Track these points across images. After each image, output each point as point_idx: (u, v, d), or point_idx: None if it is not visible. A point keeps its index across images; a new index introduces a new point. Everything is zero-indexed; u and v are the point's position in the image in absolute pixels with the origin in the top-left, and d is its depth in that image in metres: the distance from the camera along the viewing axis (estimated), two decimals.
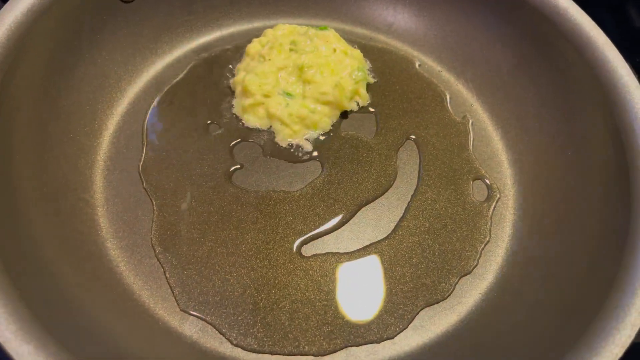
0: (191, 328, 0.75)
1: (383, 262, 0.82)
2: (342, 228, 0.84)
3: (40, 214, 0.74)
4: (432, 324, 0.77)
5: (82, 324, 0.67)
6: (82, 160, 0.86)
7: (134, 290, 0.77)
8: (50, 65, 0.84)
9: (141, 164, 0.88)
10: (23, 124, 0.78)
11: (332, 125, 0.95)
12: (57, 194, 0.79)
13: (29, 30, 0.79)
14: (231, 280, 0.78)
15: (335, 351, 0.74)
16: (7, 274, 0.60)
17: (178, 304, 0.76)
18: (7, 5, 0.79)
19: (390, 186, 0.89)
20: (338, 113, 0.96)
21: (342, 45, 1.00)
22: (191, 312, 0.76)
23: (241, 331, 0.75)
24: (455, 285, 0.81)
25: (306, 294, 0.78)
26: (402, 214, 0.86)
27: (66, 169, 0.83)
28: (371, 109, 0.98)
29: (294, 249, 0.81)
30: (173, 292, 0.77)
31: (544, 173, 0.89)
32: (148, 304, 0.76)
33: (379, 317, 0.77)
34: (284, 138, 0.93)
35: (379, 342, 0.75)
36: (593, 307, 0.68)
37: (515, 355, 0.71)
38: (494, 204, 0.89)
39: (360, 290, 0.79)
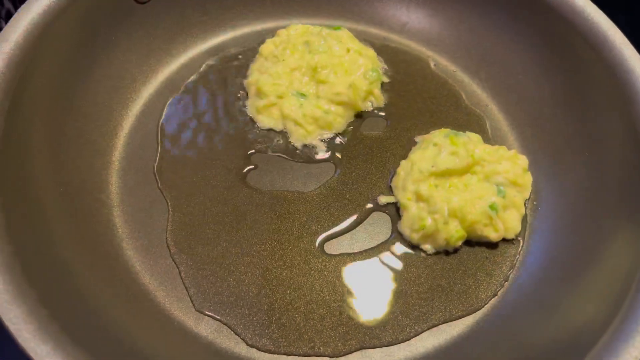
0: (206, 328, 0.75)
1: (398, 263, 0.81)
2: (357, 228, 0.84)
3: (58, 215, 0.74)
4: (448, 326, 0.77)
5: (98, 324, 0.67)
6: (97, 161, 0.87)
7: (149, 290, 0.77)
8: (66, 66, 0.85)
9: (156, 164, 0.88)
10: (40, 125, 0.78)
11: (346, 126, 0.95)
12: (74, 195, 0.79)
13: (45, 32, 0.80)
14: (246, 281, 0.78)
15: (350, 352, 0.74)
16: (25, 274, 0.61)
17: (193, 304, 0.76)
18: (23, 6, 0.80)
19: None
20: (352, 113, 0.96)
21: (355, 45, 1.00)
22: (206, 313, 0.76)
23: (256, 332, 0.75)
24: (470, 286, 0.80)
25: (321, 294, 0.78)
26: None
27: (82, 170, 0.83)
28: (385, 110, 0.98)
29: (309, 250, 0.81)
30: (188, 293, 0.77)
31: (560, 173, 0.88)
32: (163, 304, 0.76)
33: (394, 318, 0.77)
34: (298, 139, 0.93)
35: (394, 344, 0.75)
36: (612, 309, 0.67)
37: (531, 357, 0.71)
38: None
39: (375, 291, 0.79)
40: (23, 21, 0.78)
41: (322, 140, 0.93)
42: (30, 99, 0.77)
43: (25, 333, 0.56)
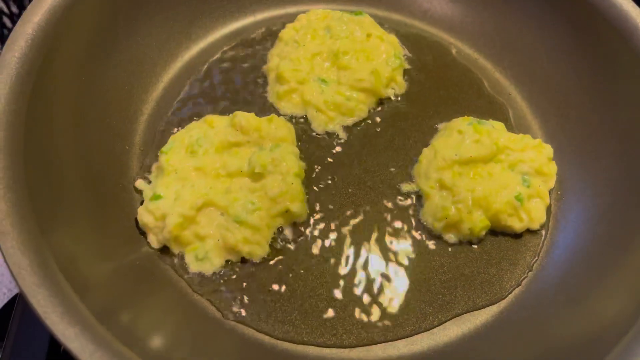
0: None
1: (421, 252, 0.81)
2: (379, 217, 0.83)
3: (81, 199, 0.74)
4: (471, 315, 0.76)
5: (122, 307, 0.67)
6: (118, 145, 0.86)
7: (171, 275, 0.77)
8: (87, 49, 0.84)
9: None
10: (61, 109, 0.78)
11: (368, 113, 0.94)
12: (96, 179, 0.79)
13: (66, 14, 0.79)
14: (268, 267, 0.78)
15: (374, 342, 0.73)
16: (52, 258, 0.61)
17: None
18: None
19: None
20: (374, 100, 0.95)
21: (377, 30, 0.99)
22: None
23: (278, 318, 0.74)
24: (494, 276, 0.79)
25: (344, 282, 0.77)
26: None
27: (103, 154, 0.83)
28: (407, 96, 0.96)
29: (333, 236, 0.81)
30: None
31: (585, 163, 0.87)
32: (186, 289, 0.76)
33: (418, 307, 0.76)
34: (319, 125, 0.91)
35: (417, 333, 0.74)
36: (639, 302, 0.67)
37: (556, 349, 0.70)
38: None
39: (398, 280, 0.78)
40: (45, 3, 0.77)
41: (343, 127, 0.92)
42: (52, 81, 0.77)
43: (53, 316, 0.56)
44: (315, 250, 0.80)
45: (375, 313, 0.75)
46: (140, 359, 0.58)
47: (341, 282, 0.77)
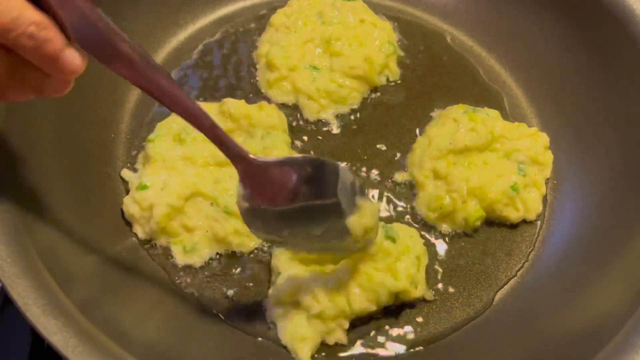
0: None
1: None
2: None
3: (65, 188, 0.72)
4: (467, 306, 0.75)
5: (106, 300, 0.65)
6: (103, 133, 0.84)
7: (157, 267, 0.75)
8: None
9: None
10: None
11: (361, 100, 0.92)
12: (80, 168, 0.77)
13: None
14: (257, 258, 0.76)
15: (368, 332, 0.72)
16: (34, 249, 0.59)
17: None
18: None
19: None
20: (367, 88, 0.93)
21: (370, 16, 0.97)
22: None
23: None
24: (489, 266, 0.78)
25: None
26: None
27: (88, 142, 0.81)
28: (401, 84, 0.95)
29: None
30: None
31: (582, 152, 0.86)
32: (173, 281, 0.74)
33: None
34: (311, 113, 0.89)
35: (413, 324, 0.73)
36: (637, 293, 0.65)
37: (553, 341, 0.69)
38: None
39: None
40: None
41: (336, 115, 0.90)
42: None
43: (34, 308, 0.54)
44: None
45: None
46: (125, 352, 0.56)
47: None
